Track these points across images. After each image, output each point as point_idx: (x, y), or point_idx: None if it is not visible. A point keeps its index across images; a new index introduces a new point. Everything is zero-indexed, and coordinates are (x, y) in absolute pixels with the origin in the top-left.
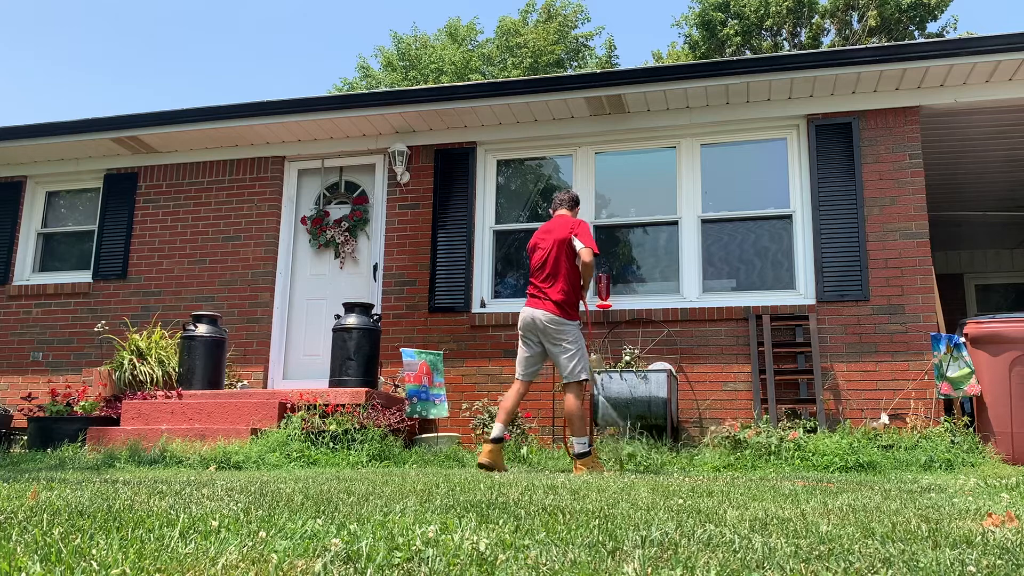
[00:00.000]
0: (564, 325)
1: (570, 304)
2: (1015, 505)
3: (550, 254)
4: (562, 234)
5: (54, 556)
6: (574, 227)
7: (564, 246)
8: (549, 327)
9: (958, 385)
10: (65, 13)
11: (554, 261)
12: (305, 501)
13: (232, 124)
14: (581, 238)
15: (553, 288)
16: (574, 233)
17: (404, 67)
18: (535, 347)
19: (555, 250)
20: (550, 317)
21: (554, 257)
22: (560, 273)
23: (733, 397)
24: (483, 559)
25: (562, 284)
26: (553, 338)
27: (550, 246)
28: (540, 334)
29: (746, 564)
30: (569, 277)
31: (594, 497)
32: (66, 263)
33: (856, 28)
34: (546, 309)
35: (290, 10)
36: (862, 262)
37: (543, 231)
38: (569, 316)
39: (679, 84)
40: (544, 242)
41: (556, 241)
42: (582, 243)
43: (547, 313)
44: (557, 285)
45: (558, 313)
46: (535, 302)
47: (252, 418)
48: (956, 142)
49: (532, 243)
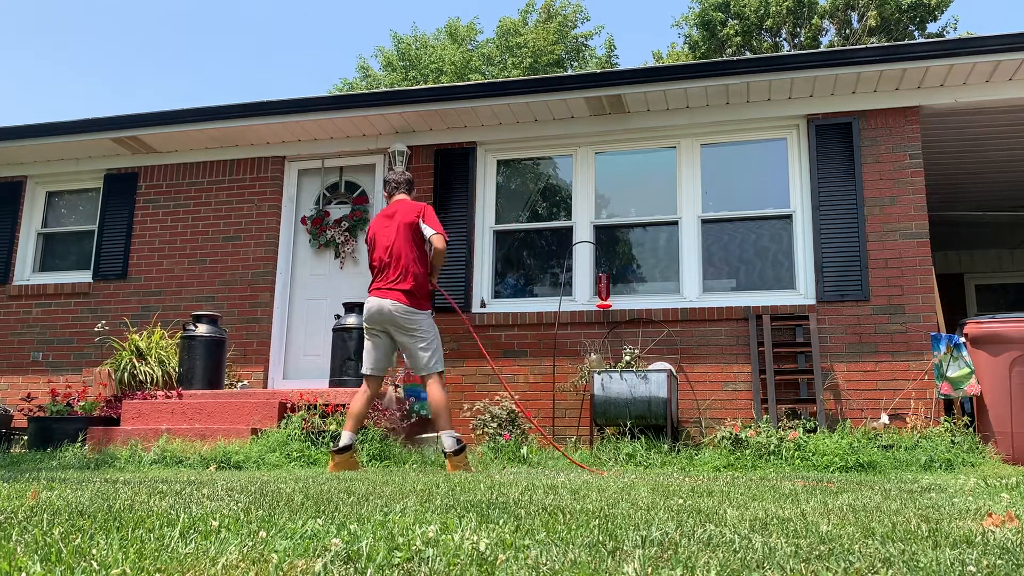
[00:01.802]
0: (416, 315)
1: (421, 293)
2: (1015, 505)
3: (395, 241)
4: (407, 219)
5: (54, 556)
6: (420, 212)
7: (411, 231)
8: (399, 317)
9: (958, 385)
10: (65, 13)
11: (398, 248)
12: (305, 501)
13: (232, 124)
14: (430, 223)
15: (402, 277)
16: (421, 218)
17: (404, 67)
18: (383, 340)
19: (401, 237)
20: (400, 307)
21: (401, 244)
22: (409, 261)
23: (733, 397)
24: (483, 559)
25: (412, 272)
26: (405, 329)
27: (395, 233)
28: (389, 325)
29: (746, 564)
30: (419, 264)
31: (594, 497)
32: (66, 263)
33: (856, 28)
34: (395, 299)
35: (290, 10)
36: (862, 262)
37: (383, 217)
38: (421, 306)
39: (679, 84)
40: (387, 229)
41: (401, 226)
42: (433, 229)
43: (396, 303)
44: (407, 273)
45: (409, 303)
46: (382, 292)
47: (252, 418)
48: (956, 142)
49: (371, 233)
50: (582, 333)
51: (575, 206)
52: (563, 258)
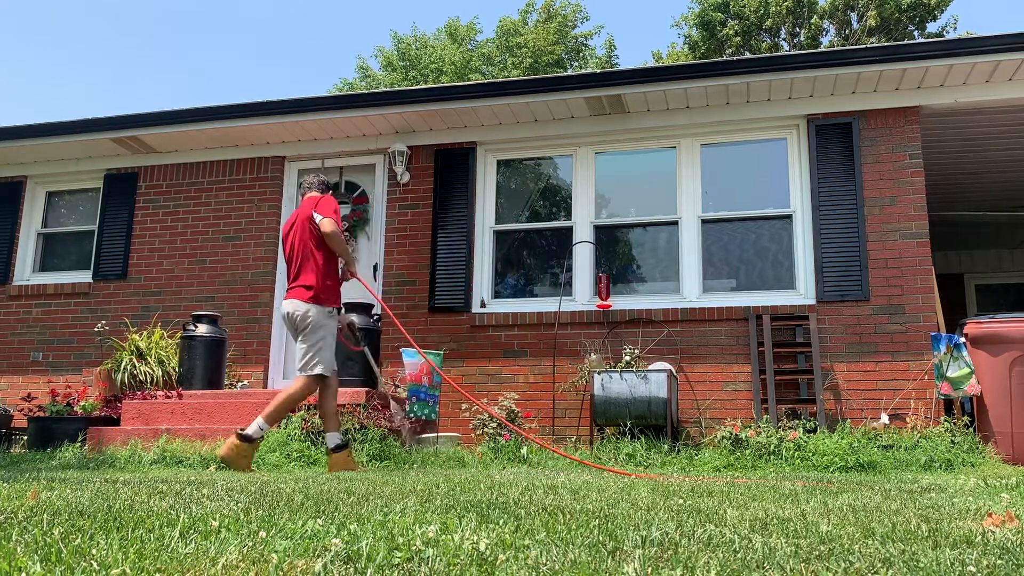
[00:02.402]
0: (312, 313)
1: (322, 290)
2: (1015, 505)
3: (295, 239)
4: (305, 213)
5: (54, 556)
6: (316, 202)
7: (308, 225)
8: (296, 316)
9: (958, 385)
10: (65, 13)
11: (300, 245)
12: (305, 501)
13: (232, 124)
14: (320, 210)
15: (303, 274)
16: (314, 208)
17: (404, 67)
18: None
19: (298, 233)
20: (297, 305)
21: (300, 240)
22: (308, 256)
23: (733, 397)
24: (483, 559)
25: (311, 267)
26: (300, 327)
27: (296, 231)
28: (293, 325)
29: (746, 564)
30: (317, 259)
31: (594, 497)
32: (66, 263)
33: (856, 28)
34: (295, 297)
35: (290, 10)
36: (862, 262)
37: (291, 218)
38: (320, 302)
39: (679, 84)
40: (291, 229)
41: (300, 222)
42: (320, 215)
43: (295, 302)
44: (306, 270)
45: (306, 299)
46: (288, 293)
47: (252, 418)
48: (956, 142)
49: (283, 232)
50: (582, 333)
51: (575, 206)
52: (563, 258)
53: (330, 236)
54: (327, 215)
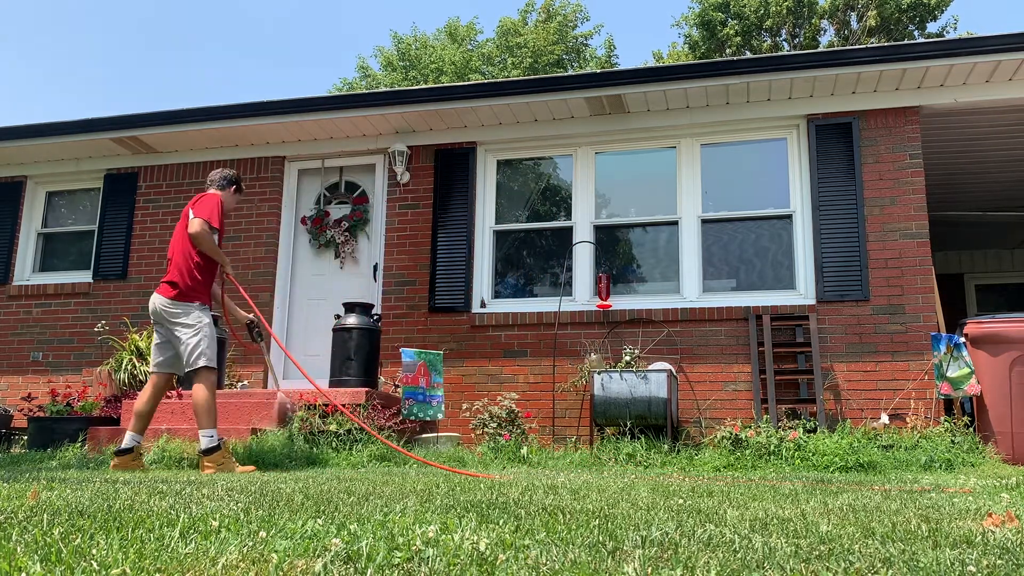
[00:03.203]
0: (179, 308)
1: (187, 285)
2: (1015, 505)
3: (174, 236)
4: (186, 211)
5: (54, 556)
6: (197, 200)
7: (185, 222)
8: (162, 310)
9: (958, 385)
10: (65, 13)
11: (174, 242)
12: (305, 501)
13: (232, 124)
14: (196, 209)
15: (169, 270)
16: (192, 206)
17: (404, 67)
18: (162, 336)
19: (178, 230)
20: (163, 300)
21: (175, 238)
22: (176, 253)
23: (733, 397)
24: (483, 559)
25: (176, 263)
26: (170, 323)
27: (178, 228)
28: (158, 319)
29: (746, 564)
30: (183, 255)
31: (594, 497)
32: (66, 263)
33: (856, 28)
34: (160, 292)
35: (290, 10)
36: (862, 262)
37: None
38: (186, 298)
39: (679, 84)
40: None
41: (182, 218)
42: (194, 214)
43: (160, 297)
44: (172, 265)
45: (172, 295)
46: (156, 288)
47: (252, 418)
48: (956, 142)
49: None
50: (582, 333)
51: (575, 206)
52: (563, 258)
53: (195, 236)
54: (200, 215)
